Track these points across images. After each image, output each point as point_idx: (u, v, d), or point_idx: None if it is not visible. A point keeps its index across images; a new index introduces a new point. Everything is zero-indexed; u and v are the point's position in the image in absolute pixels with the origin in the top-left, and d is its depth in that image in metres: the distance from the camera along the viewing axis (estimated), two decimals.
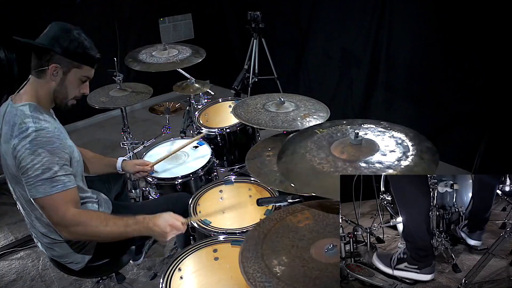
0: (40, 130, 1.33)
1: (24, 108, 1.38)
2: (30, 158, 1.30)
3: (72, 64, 1.44)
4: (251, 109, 1.87)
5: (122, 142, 2.86)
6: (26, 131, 1.32)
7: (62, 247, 1.57)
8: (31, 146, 1.30)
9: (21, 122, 1.34)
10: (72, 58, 1.43)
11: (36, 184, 1.31)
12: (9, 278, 2.39)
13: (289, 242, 1.13)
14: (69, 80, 1.46)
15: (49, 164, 1.32)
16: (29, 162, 1.30)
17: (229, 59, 4.94)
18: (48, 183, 1.32)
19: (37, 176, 1.31)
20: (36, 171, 1.30)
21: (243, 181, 1.93)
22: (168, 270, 1.39)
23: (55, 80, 1.43)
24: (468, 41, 2.86)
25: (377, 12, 3.35)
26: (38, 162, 1.30)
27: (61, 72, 1.43)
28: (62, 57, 1.41)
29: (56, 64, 1.41)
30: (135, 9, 4.44)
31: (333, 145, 1.32)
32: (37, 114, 1.38)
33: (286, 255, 1.07)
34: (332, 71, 3.91)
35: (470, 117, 3.03)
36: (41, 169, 1.31)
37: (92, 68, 1.51)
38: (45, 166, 1.31)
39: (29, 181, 1.32)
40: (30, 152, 1.30)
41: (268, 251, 1.09)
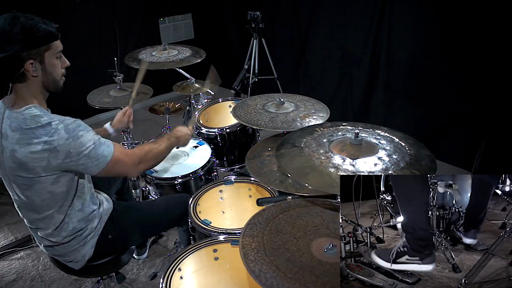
0: (64, 120, 1.37)
1: (31, 110, 1.37)
2: (77, 142, 1.36)
3: (42, 50, 1.36)
4: (250, 110, 1.87)
5: (122, 142, 2.85)
6: (50, 126, 1.34)
7: (62, 247, 1.58)
8: (70, 134, 1.35)
9: (38, 122, 1.34)
10: (38, 45, 1.34)
11: (98, 152, 1.41)
12: (9, 278, 2.39)
13: (289, 241, 1.13)
14: (49, 65, 1.40)
15: (92, 137, 1.41)
16: (79, 145, 1.37)
17: (229, 59, 4.94)
18: (103, 146, 1.43)
19: (94, 147, 1.40)
20: (90, 146, 1.39)
21: (243, 181, 1.93)
22: (168, 270, 1.39)
23: (38, 74, 1.38)
24: (468, 41, 2.86)
25: (377, 12, 3.35)
26: (86, 140, 1.38)
27: (38, 64, 1.37)
28: (29, 51, 1.32)
29: (29, 60, 1.33)
30: (135, 9, 4.43)
31: (332, 143, 1.33)
32: (44, 112, 1.39)
33: (289, 254, 1.07)
34: (332, 71, 3.91)
35: (470, 117, 3.03)
36: (92, 141, 1.40)
37: (58, 39, 1.43)
38: (92, 140, 1.40)
39: (90, 155, 1.39)
40: (74, 138, 1.36)
41: (270, 248, 1.09)
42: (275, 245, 1.09)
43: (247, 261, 1.02)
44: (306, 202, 1.30)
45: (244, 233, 1.13)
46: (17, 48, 1.30)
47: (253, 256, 1.04)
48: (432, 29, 3.06)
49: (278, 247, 1.08)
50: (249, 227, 1.16)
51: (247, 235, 1.12)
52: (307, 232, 1.16)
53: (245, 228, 1.16)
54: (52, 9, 3.64)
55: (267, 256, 1.04)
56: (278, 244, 1.09)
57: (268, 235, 1.13)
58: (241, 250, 1.06)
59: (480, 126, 2.89)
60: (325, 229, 1.18)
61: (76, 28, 3.86)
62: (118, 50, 4.24)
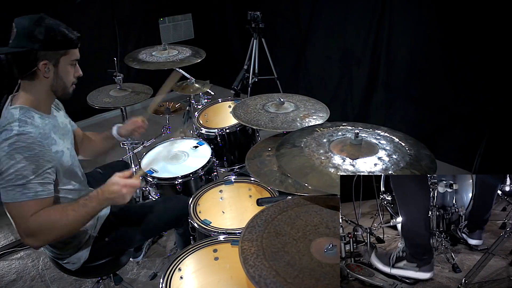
0: (22, 135, 1.29)
1: (15, 111, 1.35)
2: (6, 161, 1.27)
3: (59, 54, 1.39)
4: (250, 110, 1.87)
5: (122, 142, 2.85)
6: (10, 133, 1.29)
7: (57, 249, 1.57)
8: (9, 150, 1.27)
9: (8, 124, 1.32)
10: (56, 48, 1.38)
11: (7, 189, 1.28)
12: (9, 278, 2.39)
13: (288, 243, 1.13)
14: (62, 70, 1.42)
15: (23, 171, 1.27)
16: (4, 166, 1.27)
17: (229, 59, 4.94)
18: (19, 189, 1.28)
19: (9, 180, 1.27)
20: (9, 176, 1.27)
21: (243, 181, 1.93)
22: (168, 270, 1.39)
23: (49, 76, 1.40)
24: (468, 41, 2.86)
25: (377, 12, 3.35)
26: (12, 167, 1.27)
27: (51, 66, 1.39)
28: (46, 52, 1.36)
29: (44, 60, 1.36)
30: (135, 9, 4.43)
31: (332, 143, 1.33)
32: (25, 118, 1.34)
33: (288, 257, 1.07)
34: (332, 71, 3.91)
35: (470, 117, 3.03)
36: (14, 174, 1.27)
37: (77, 48, 1.46)
38: (18, 172, 1.27)
39: (1, 184, 1.29)
40: (7, 156, 1.27)
41: (269, 252, 1.09)
42: (275, 248, 1.09)
43: (247, 267, 1.02)
44: (305, 201, 1.30)
45: (243, 237, 1.13)
46: (36, 46, 1.33)
47: (253, 261, 1.04)
48: (432, 29, 3.06)
49: (277, 250, 1.08)
50: (248, 230, 1.16)
51: (246, 239, 1.12)
52: (307, 232, 1.16)
53: (244, 232, 1.16)
54: (52, 9, 3.64)
55: (267, 260, 1.04)
56: (277, 247, 1.09)
57: (267, 238, 1.13)
58: (240, 256, 1.06)
59: (480, 126, 2.89)
60: (324, 228, 1.17)
61: (76, 28, 3.85)
62: (118, 50, 4.24)
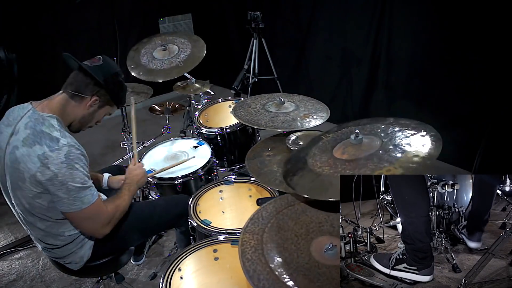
0: (71, 146, 1.39)
1: (52, 120, 1.42)
2: (68, 172, 1.36)
3: (109, 102, 1.58)
4: (251, 110, 1.87)
5: (122, 142, 2.86)
6: (57, 143, 1.37)
7: (60, 250, 1.58)
8: (67, 161, 1.36)
9: (50, 132, 1.38)
10: (113, 98, 1.57)
11: (81, 195, 1.40)
12: (9, 278, 2.39)
13: (289, 239, 1.12)
14: (99, 113, 1.58)
15: (84, 177, 1.42)
16: (68, 176, 1.36)
17: (229, 59, 4.94)
18: (89, 192, 1.43)
19: (78, 188, 1.39)
20: (76, 184, 1.38)
21: (243, 181, 1.93)
22: (168, 270, 1.39)
23: (89, 110, 1.53)
24: (468, 41, 2.86)
25: (377, 12, 3.35)
26: (76, 176, 1.38)
27: (97, 106, 1.54)
28: (106, 95, 1.53)
29: (97, 97, 1.52)
30: (135, 9, 4.43)
31: (335, 147, 1.32)
32: (63, 130, 1.43)
33: (287, 254, 1.07)
34: (332, 71, 3.91)
35: (470, 117, 3.03)
36: (81, 182, 1.40)
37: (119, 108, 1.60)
38: (83, 180, 1.41)
39: (73, 194, 1.39)
40: (68, 167, 1.36)
41: (268, 248, 1.08)
42: (274, 244, 1.08)
43: (243, 259, 1.02)
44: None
45: (246, 228, 1.12)
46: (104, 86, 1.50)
47: (250, 255, 1.04)
48: (432, 29, 3.06)
49: (277, 245, 1.07)
50: (252, 221, 1.15)
51: (248, 231, 1.11)
52: (310, 229, 1.14)
53: (247, 222, 1.14)
54: (52, 9, 3.64)
55: (264, 256, 1.03)
56: (277, 242, 1.08)
57: (269, 232, 1.12)
58: (240, 247, 1.06)
59: (480, 126, 2.89)
60: (328, 227, 1.14)
61: (76, 28, 3.87)
62: (118, 50, 4.23)
